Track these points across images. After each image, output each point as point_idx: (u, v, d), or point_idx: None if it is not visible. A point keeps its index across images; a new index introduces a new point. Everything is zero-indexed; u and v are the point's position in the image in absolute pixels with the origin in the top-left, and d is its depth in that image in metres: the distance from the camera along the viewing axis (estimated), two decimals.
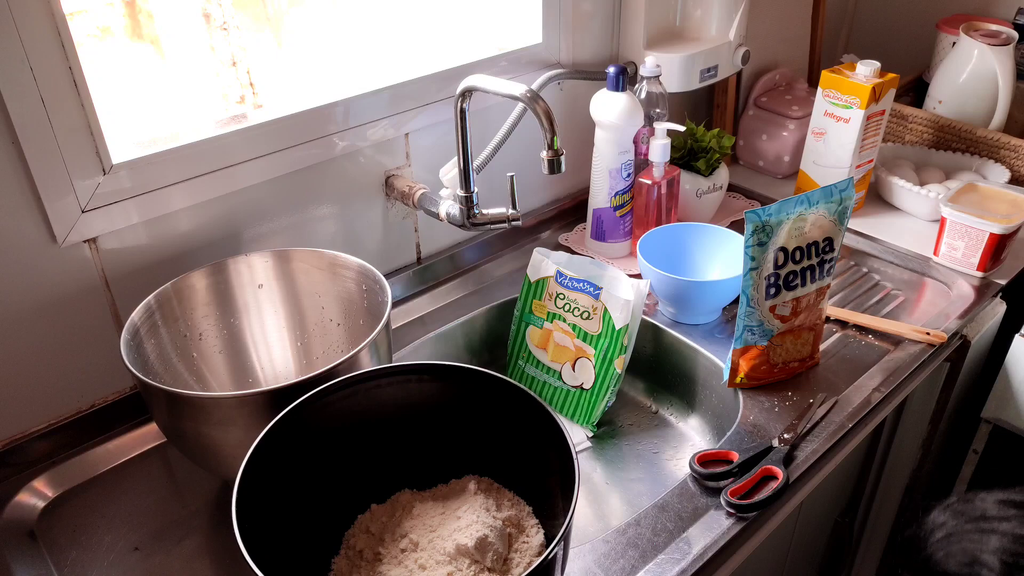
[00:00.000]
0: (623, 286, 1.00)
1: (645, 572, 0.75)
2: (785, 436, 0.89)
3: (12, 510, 0.84)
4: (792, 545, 1.10)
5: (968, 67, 1.38)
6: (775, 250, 0.89)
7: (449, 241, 1.21)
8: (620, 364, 0.98)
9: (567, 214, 1.34)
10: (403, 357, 1.03)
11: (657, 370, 1.09)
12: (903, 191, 1.30)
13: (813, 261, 0.92)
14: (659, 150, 1.14)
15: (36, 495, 0.86)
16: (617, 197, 1.18)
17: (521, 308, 1.07)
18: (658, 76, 1.19)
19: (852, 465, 1.19)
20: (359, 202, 1.08)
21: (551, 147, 0.86)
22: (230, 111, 0.99)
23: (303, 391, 0.71)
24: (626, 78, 1.12)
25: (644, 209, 1.19)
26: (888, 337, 1.06)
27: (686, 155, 1.26)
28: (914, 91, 1.58)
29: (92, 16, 0.87)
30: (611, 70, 1.11)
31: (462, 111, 0.92)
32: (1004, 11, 1.51)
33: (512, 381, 0.74)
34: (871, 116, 1.24)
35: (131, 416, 0.94)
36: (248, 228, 0.98)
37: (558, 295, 1.03)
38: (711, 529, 0.79)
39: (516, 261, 1.23)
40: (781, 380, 0.98)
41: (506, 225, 0.98)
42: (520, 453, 0.76)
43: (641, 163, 1.21)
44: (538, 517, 0.77)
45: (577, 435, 1.02)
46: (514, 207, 0.96)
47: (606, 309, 0.98)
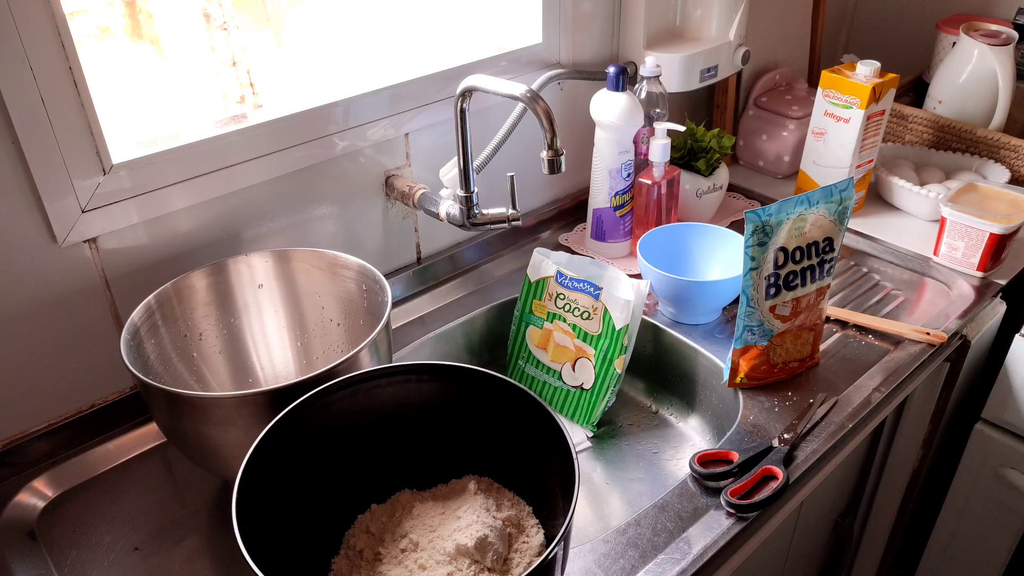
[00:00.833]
0: (623, 286, 1.00)
1: (645, 572, 0.75)
2: (785, 436, 0.89)
3: (12, 510, 0.84)
4: (792, 545, 1.10)
5: (968, 67, 1.38)
6: (775, 250, 0.89)
7: (449, 241, 1.21)
8: (620, 364, 0.98)
9: (567, 214, 1.34)
10: (403, 357, 1.03)
11: (657, 370, 1.09)
12: (903, 191, 1.30)
13: (813, 261, 0.92)
14: (659, 150, 1.14)
15: (36, 495, 0.86)
16: (617, 197, 1.18)
17: (521, 308, 1.07)
18: (658, 76, 1.19)
19: (852, 465, 1.19)
20: (359, 202, 1.08)
21: (551, 147, 0.86)
22: (230, 111, 0.99)
23: (303, 391, 0.71)
24: (626, 78, 1.12)
25: (644, 209, 1.19)
26: (888, 337, 1.06)
27: (686, 155, 1.26)
28: (914, 91, 1.58)
29: (92, 16, 0.87)
30: (611, 70, 1.11)
31: (462, 111, 0.92)
32: (1004, 11, 1.51)
33: (512, 381, 0.74)
34: (871, 116, 1.24)
35: (131, 416, 0.94)
36: (248, 228, 0.98)
37: (558, 295, 1.03)
38: (711, 529, 0.79)
39: (516, 261, 1.23)
40: (781, 380, 0.98)
41: (506, 225, 0.98)
42: (520, 453, 0.76)
43: (641, 163, 1.21)
44: (538, 517, 0.77)
45: (577, 435, 1.02)
46: (514, 207, 0.96)
47: (606, 309, 0.98)
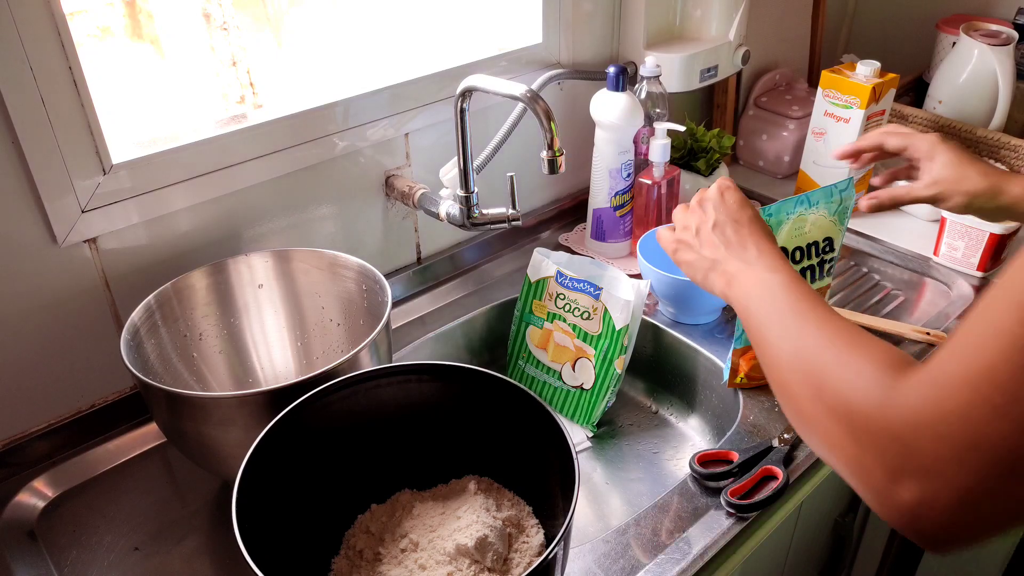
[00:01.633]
0: (623, 286, 1.00)
1: (645, 572, 0.75)
2: (785, 436, 0.89)
3: (12, 510, 0.84)
4: (792, 545, 1.10)
5: (968, 67, 1.37)
6: None
7: (449, 241, 1.21)
8: (620, 364, 0.98)
9: (567, 214, 1.34)
10: (403, 357, 1.03)
11: (657, 370, 1.09)
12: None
13: (813, 261, 0.92)
14: (659, 150, 1.14)
15: (36, 495, 0.86)
16: (617, 197, 1.18)
17: (521, 308, 1.07)
18: (658, 76, 1.19)
19: None
20: (359, 202, 1.08)
21: (551, 147, 0.86)
22: (230, 111, 0.99)
23: (303, 391, 0.71)
24: (626, 78, 1.12)
25: (644, 209, 1.19)
26: (888, 337, 1.06)
27: (686, 155, 1.26)
28: (914, 91, 1.57)
29: (92, 16, 0.87)
30: (611, 70, 1.11)
31: (462, 111, 0.92)
32: (1004, 11, 1.51)
33: (512, 381, 0.74)
34: (871, 116, 1.24)
35: (131, 416, 0.94)
36: (248, 228, 0.98)
37: (558, 295, 1.03)
38: (711, 529, 0.79)
39: (516, 261, 1.23)
40: None
41: (506, 225, 0.98)
42: (520, 453, 0.76)
43: (641, 163, 1.21)
44: (538, 517, 0.77)
45: (577, 435, 1.02)
46: (514, 207, 0.96)
47: (606, 309, 0.98)
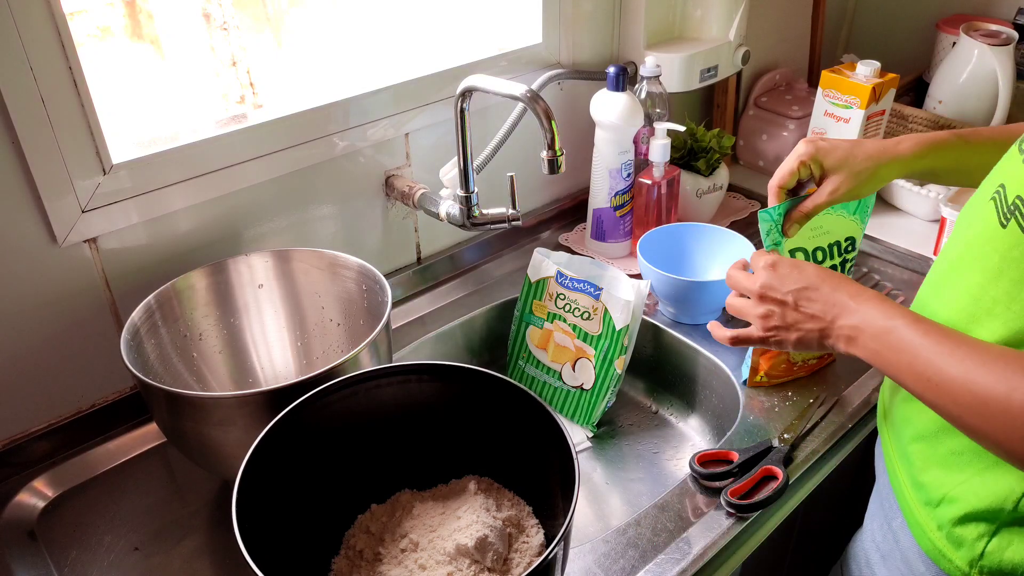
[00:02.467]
0: (623, 287, 1.00)
1: (645, 572, 0.75)
2: (785, 436, 0.89)
3: (12, 510, 0.84)
4: (792, 545, 1.10)
5: (968, 67, 1.37)
6: (791, 251, 0.87)
7: (449, 241, 1.21)
8: (620, 364, 0.98)
9: (567, 214, 1.34)
10: (403, 357, 1.03)
11: (657, 370, 1.09)
12: (903, 191, 1.30)
13: (836, 261, 0.90)
14: (659, 150, 1.14)
15: (36, 495, 0.86)
16: (617, 197, 1.18)
17: (521, 308, 1.07)
18: (658, 76, 1.19)
19: (852, 465, 1.19)
20: (359, 202, 1.08)
21: (551, 147, 0.86)
22: (230, 111, 0.99)
23: (303, 391, 0.71)
24: (626, 78, 1.12)
25: (644, 209, 1.19)
26: None
27: (686, 155, 1.26)
28: (914, 91, 1.57)
29: (92, 16, 0.87)
30: (611, 70, 1.11)
31: (462, 111, 0.92)
32: (1004, 11, 1.51)
33: (512, 381, 0.74)
34: (871, 116, 1.24)
35: (131, 416, 0.94)
36: (248, 228, 0.98)
37: (558, 295, 1.03)
38: (711, 529, 0.79)
39: (516, 261, 1.23)
40: (800, 377, 0.97)
41: (506, 225, 0.98)
42: (520, 453, 0.76)
43: (641, 163, 1.21)
44: (538, 517, 0.77)
45: (577, 435, 1.02)
46: (514, 207, 0.96)
47: (606, 310, 0.98)
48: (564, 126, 1.27)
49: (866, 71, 1.22)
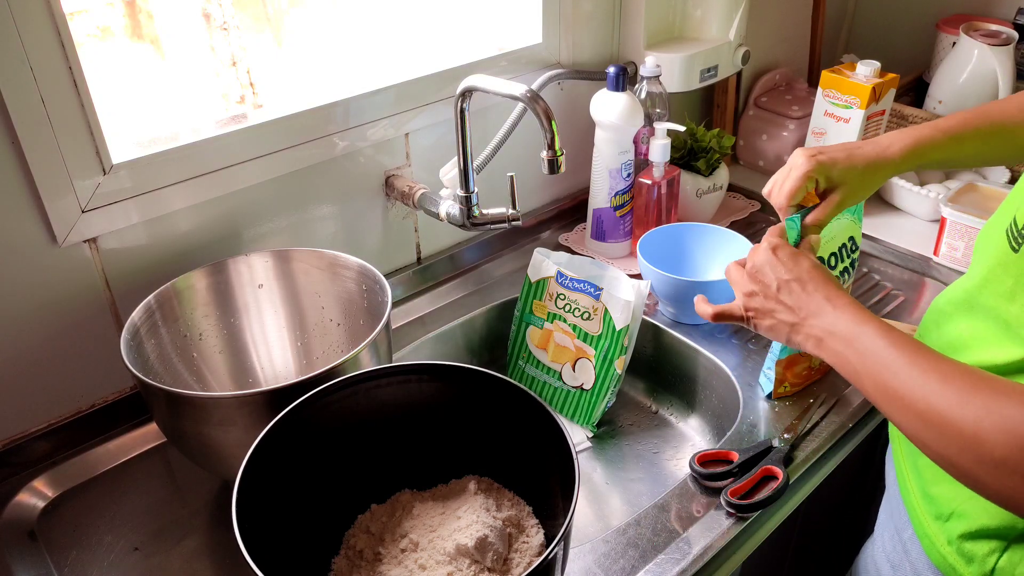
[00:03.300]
0: (623, 287, 1.00)
1: (645, 572, 0.75)
2: (785, 436, 0.89)
3: (12, 510, 0.84)
4: (792, 545, 1.10)
5: (968, 67, 1.38)
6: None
7: (449, 241, 1.21)
8: (620, 365, 0.98)
9: (567, 214, 1.34)
10: (403, 357, 1.03)
11: (657, 370, 1.09)
12: (903, 191, 1.30)
13: (846, 263, 0.91)
14: (659, 150, 1.14)
15: (36, 495, 0.86)
16: (617, 197, 1.18)
17: (521, 308, 1.07)
18: (658, 76, 1.19)
19: (852, 465, 1.19)
20: (359, 202, 1.08)
21: (551, 147, 0.86)
22: (230, 111, 0.99)
23: (303, 391, 0.71)
24: (626, 78, 1.12)
25: (644, 209, 1.19)
26: None
27: (686, 155, 1.26)
28: (914, 91, 1.57)
29: (92, 16, 0.87)
30: (611, 70, 1.11)
31: (462, 111, 0.92)
32: (1004, 11, 1.51)
33: (512, 381, 0.74)
34: (871, 116, 1.24)
35: (131, 416, 0.94)
36: (248, 228, 0.98)
37: (559, 295, 1.03)
38: (711, 529, 0.79)
39: (516, 261, 1.23)
40: (816, 381, 0.97)
41: (506, 225, 0.98)
42: (520, 453, 0.76)
43: (641, 163, 1.21)
44: (538, 517, 0.77)
45: (577, 435, 1.02)
46: (514, 207, 0.96)
47: (606, 310, 0.98)
48: (564, 126, 1.27)
49: (866, 71, 1.22)
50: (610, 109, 1.12)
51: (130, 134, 0.89)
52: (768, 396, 0.95)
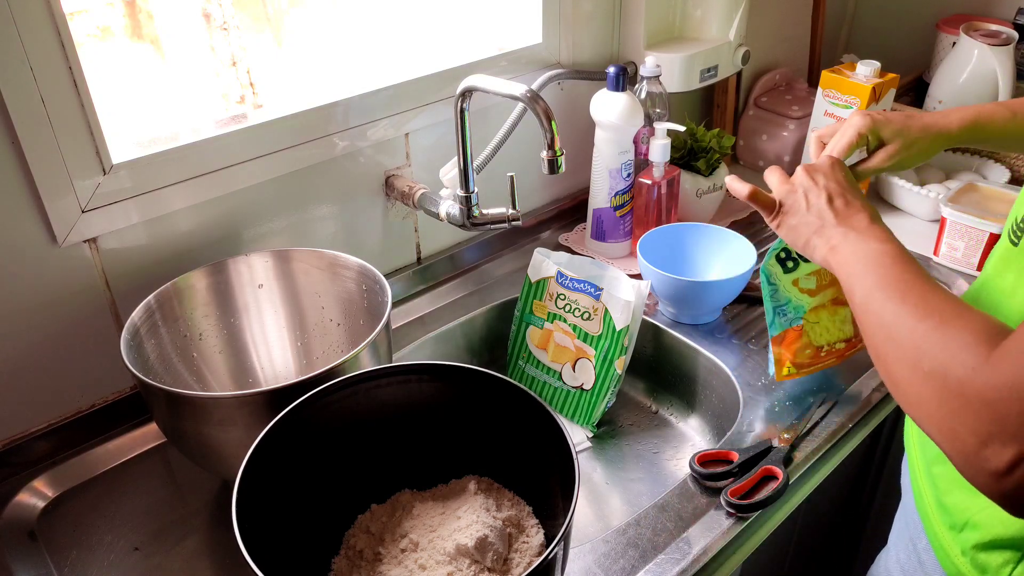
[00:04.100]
0: (624, 287, 1.00)
1: (645, 572, 0.75)
2: (785, 436, 0.89)
3: (12, 510, 0.84)
4: (792, 545, 1.10)
5: (968, 67, 1.38)
6: None
7: (449, 241, 1.21)
8: (620, 365, 0.98)
9: (567, 214, 1.34)
10: (403, 357, 1.03)
11: (657, 370, 1.09)
12: (903, 191, 1.30)
13: None
14: (659, 150, 1.14)
15: (36, 495, 0.86)
16: (617, 197, 1.18)
17: (522, 308, 1.07)
18: (658, 76, 1.19)
19: (852, 465, 1.19)
20: (359, 202, 1.08)
21: (551, 147, 0.86)
22: (230, 111, 0.99)
23: (303, 391, 0.71)
24: (626, 78, 1.12)
25: (644, 209, 1.19)
26: None
27: (686, 155, 1.26)
28: (914, 91, 1.58)
29: (92, 16, 0.87)
30: (611, 70, 1.11)
31: (462, 111, 0.92)
32: (1004, 11, 1.51)
33: (512, 381, 0.74)
34: None
35: (131, 416, 0.94)
36: (248, 228, 0.98)
37: (559, 295, 1.03)
38: (711, 529, 0.79)
39: (516, 261, 1.23)
40: (831, 366, 0.95)
41: (506, 225, 0.98)
42: (520, 453, 0.76)
43: (641, 163, 1.21)
44: (538, 517, 0.77)
45: (577, 435, 1.02)
46: (514, 207, 0.96)
47: (607, 310, 0.98)
48: (564, 126, 1.27)
49: (866, 71, 1.22)
50: (610, 109, 1.12)
51: (130, 134, 0.89)
52: (772, 378, 0.94)
